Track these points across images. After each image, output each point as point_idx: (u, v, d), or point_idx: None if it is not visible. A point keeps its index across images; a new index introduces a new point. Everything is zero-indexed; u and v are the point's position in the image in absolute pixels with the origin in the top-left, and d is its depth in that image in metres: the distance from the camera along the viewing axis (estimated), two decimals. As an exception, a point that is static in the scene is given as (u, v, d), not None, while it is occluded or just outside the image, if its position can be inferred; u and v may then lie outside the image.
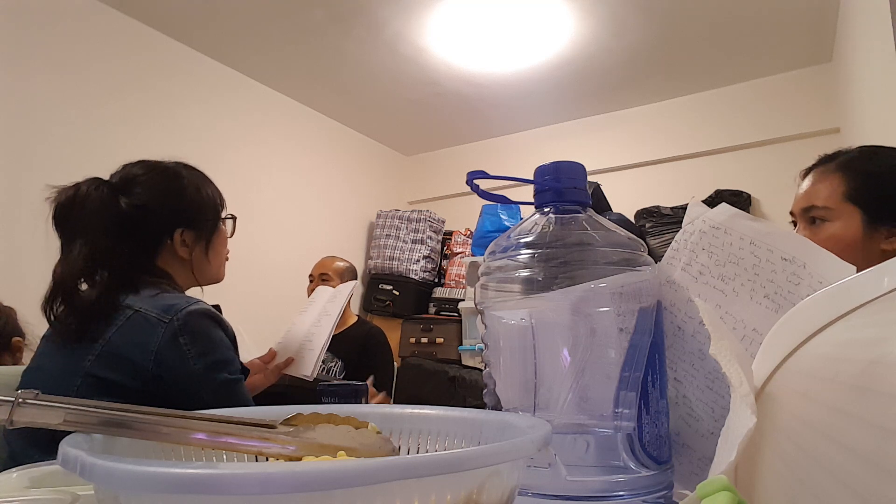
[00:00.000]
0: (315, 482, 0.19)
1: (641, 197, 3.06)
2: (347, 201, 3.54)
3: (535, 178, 0.45)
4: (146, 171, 0.94)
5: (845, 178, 0.94)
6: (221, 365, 0.84)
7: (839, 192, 0.94)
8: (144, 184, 0.92)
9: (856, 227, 0.91)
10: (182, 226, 0.94)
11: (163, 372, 0.79)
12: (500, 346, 0.43)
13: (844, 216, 0.92)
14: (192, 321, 0.82)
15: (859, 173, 0.94)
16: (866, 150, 0.98)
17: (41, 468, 0.45)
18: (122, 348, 0.79)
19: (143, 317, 0.81)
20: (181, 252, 0.95)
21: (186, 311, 0.82)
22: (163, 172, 0.96)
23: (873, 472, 0.22)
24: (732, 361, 0.30)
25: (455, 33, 2.57)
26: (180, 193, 0.95)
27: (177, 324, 0.80)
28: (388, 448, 0.34)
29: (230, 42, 2.66)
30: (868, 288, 0.28)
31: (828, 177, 0.96)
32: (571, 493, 0.36)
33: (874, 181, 0.93)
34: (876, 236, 0.90)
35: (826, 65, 2.76)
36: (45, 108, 2.13)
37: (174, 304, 0.82)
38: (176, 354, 0.80)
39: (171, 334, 0.80)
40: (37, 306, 0.85)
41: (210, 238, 0.99)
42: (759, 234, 0.43)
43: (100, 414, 0.28)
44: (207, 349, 0.83)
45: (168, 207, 0.94)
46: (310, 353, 1.25)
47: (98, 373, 0.78)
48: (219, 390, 0.82)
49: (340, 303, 1.37)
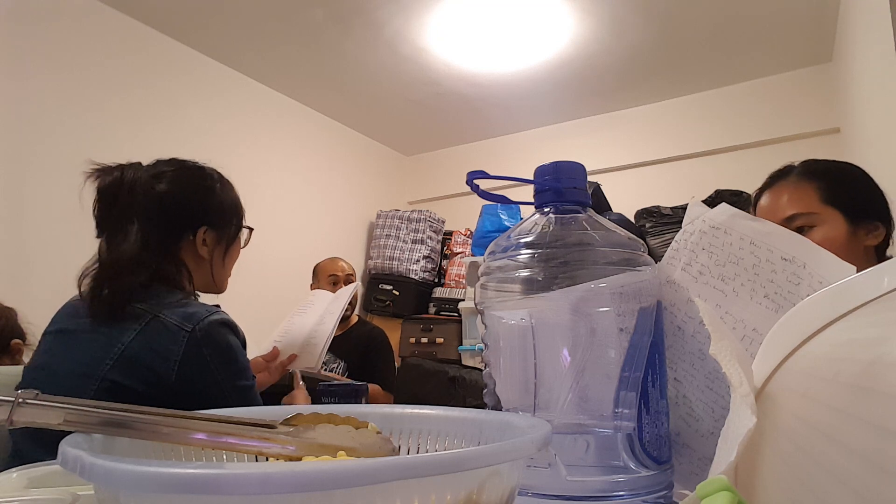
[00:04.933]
0: (315, 482, 0.19)
1: (641, 197, 3.06)
2: (347, 201, 3.54)
3: (535, 178, 0.45)
4: (179, 167, 0.96)
5: (816, 184, 0.98)
6: (240, 373, 0.85)
7: (816, 198, 0.98)
8: (177, 176, 0.93)
9: (841, 227, 0.95)
10: (206, 224, 0.95)
11: (185, 381, 0.79)
12: (500, 346, 0.43)
13: (829, 219, 0.96)
14: (214, 331, 0.82)
15: (828, 179, 0.98)
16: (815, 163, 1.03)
17: (41, 468, 0.45)
18: (141, 355, 0.79)
19: (162, 324, 0.80)
20: (201, 251, 0.95)
21: (208, 321, 0.82)
22: (195, 169, 0.98)
23: (873, 472, 0.22)
24: (732, 361, 0.30)
25: (455, 33, 2.57)
26: (210, 192, 0.97)
27: (199, 334, 0.80)
28: (388, 448, 0.34)
29: (230, 42, 2.66)
30: (868, 288, 0.28)
31: (799, 186, 1.00)
32: (571, 493, 0.36)
33: (844, 183, 0.98)
34: (859, 234, 0.95)
35: (826, 65, 2.75)
36: (45, 108, 2.13)
37: (194, 312, 0.82)
38: (199, 366, 0.80)
39: (194, 344, 0.80)
40: (39, 307, 0.84)
41: (230, 243, 1.00)
42: (759, 235, 0.43)
43: (100, 414, 0.28)
44: (229, 359, 0.84)
45: (196, 203, 0.95)
46: (314, 348, 1.27)
47: (115, 378, 0.78)
48: (238, 399, 0.84)
49: (343, 301, 1.39)
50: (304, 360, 1.25)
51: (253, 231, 1.06)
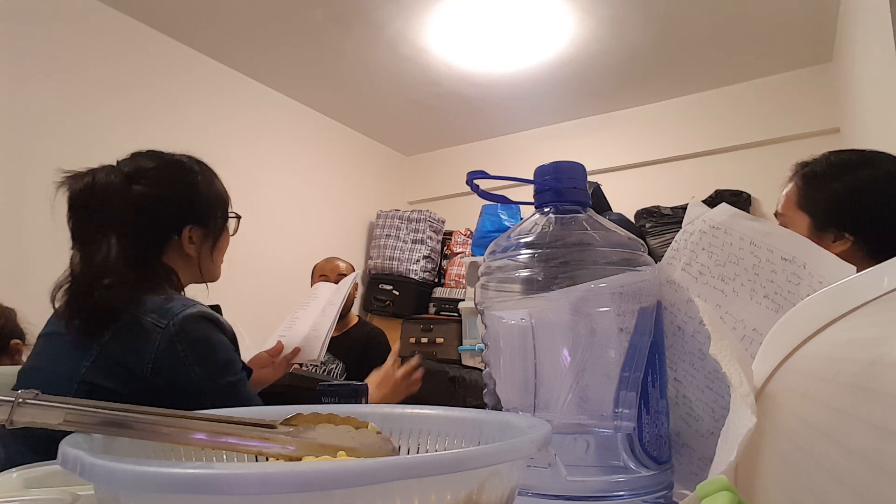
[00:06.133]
0: (315, 482, 0.19)
1: (641, 197, 3.06)
2: (347, 201, 3.54)
3: (535, 178, 0.45)
4: (158, 163, 0.90)
5: (798, 186, 1.00)
6: (222, 369, 0.82)
7: (793, 200, 1.00)
8: (157, 175, 0.88)
9: (803, 231, 0.96)
10: (192, 223, 0.91)
11: (161, 380, 0.77)
12: (500, 346, 0.43)
13: (796, 221, 0.98)
14: (189, 326, 0.79)
15: (810, 183, 1.00)
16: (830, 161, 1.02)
17: (41, 468, 0.45)
18: (118, 355, 0.77)
19: (138, 322, 0.78)
20: (188, 250, 0.91)
21: (182, 315, 0.79)
22: (176, 165, 0.92)
23: (873, 472, 0.22)
24: (732, 361, 0.30)
25: (455, 33, 2.57)
26: (193, 189, 0.92)
27: (173, 329, 0.77)
28: (388, 448, 0.34)
29: (230, 42, 2.66)
30: (868, 288, 0.28)
31: (793, 185, 1.02)
32: (571, 493, 0.36)
33: (822, 191, 0.98)
34: (823, 241, 0.95)
35: (826, 65, 2.76)
36: (45, 108, 2.13)
37: (169, 307, 0.79)
38: (174, 363, 0.77)
39: (168, 341, 0.77)
40: (39, 307, 0.84)
41: (218, 236, 0.96)
42: (759, 234, 0.43)
43: (100, 414, 0.28)
44: (206, 354, 0.80)
45: (180, 202, 0.90)
46: (315, 340, 1.27)
47: (94, 380, 0.76)
48: (222, 396, 0.80)
49: (344, 292, 1.39)
50: (307, 352, 1.26)
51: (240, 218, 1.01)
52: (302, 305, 1.42)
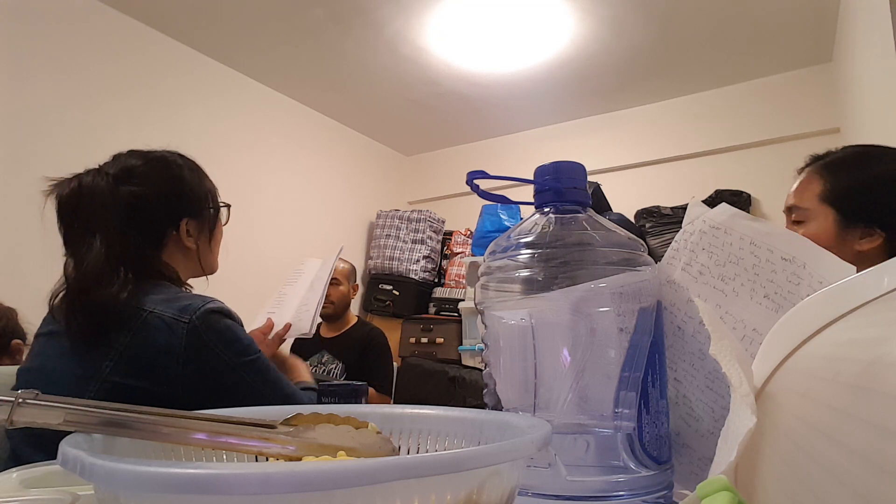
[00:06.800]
0: (315, 482, 0.19)
1: (641, 197, 3.06)
2: (347, 201, 3.54)
3: (535, 178, 0.45)
4: (144, 161, 0.91)
5: (822, 179, 0.96)
6: (247, 349, 0.86)
7: (816, 193, 0.96)
8: (145, 174, 0.89)
9: (829, 227, 0.92)
10: (186, 216, 0.93)
11: (194, 372, 0.79)
12: (500, 346, 0.43)
13: (819, 217, 0.94)
14: (211, 317, 0.82)
15: (836, 175, 0.95)
16: (850, 152, 1.00)
17: (41, 468, 0.45)
18: (142, 353, 0.78)
19: (158, 318, 0.79)
20: (187, 243, 0.93)
21: (203, 309, 0.81)
22: (162, 161, 0.93)
23: (873, 472, 0.22)
24: (732, 361, 0.30)
25: (455, 33, 2.57)
26: (182, 182, 0.93)
27: (198, 322, 0.80)
28: (388, 448, 0.34)
29: (230, 42, 2.66)
30: (868, 288, 0.28)
31: (810, 178, 0.98)
32: (571, 493, 0.36)
33: (849, 182, 0.94)
34: (849, 237, 0.92)
35: (826, 65, 2.76)
36: (45, 108, 2.13)
37: (188, 304, 0.81)
38: (206, 353, 0.80)
39: (195, 334, 0.79)
40: (39, 307, 0.83)
41: (213, 226, 0.98)
42: (759, 234, 0.43)
43: (100, 414, 0.28)
44: (231, 339, 0.84)
45: (172, 197, 0.92)
46: (306, 314, 1.28)
47: (118, 379, 0.77)
48: (257, 369, 0.84)
49: (330, 266, 1.40)
50: (299, 327, 1.26)
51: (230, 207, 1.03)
52: (288, 282, 1.43)
